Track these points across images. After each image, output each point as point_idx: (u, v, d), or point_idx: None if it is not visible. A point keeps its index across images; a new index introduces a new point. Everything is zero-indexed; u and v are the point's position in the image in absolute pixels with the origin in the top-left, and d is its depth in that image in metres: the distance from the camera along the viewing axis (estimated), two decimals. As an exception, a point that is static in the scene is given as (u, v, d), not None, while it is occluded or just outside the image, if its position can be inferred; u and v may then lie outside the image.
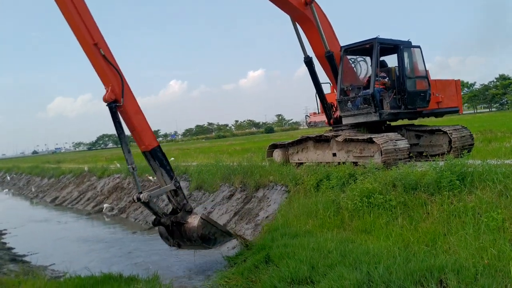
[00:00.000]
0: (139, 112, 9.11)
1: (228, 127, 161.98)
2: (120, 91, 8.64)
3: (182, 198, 9.44)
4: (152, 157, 9.17)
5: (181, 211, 9.34)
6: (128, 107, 8.81)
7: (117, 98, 8.61)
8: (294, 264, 6.97)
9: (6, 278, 7.74)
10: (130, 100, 8.90)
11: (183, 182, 17.53)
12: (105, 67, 8.57)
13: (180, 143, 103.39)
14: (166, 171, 9.27)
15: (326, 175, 10.86)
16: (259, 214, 11.87)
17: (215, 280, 8.56)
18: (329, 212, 9.36)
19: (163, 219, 9.31)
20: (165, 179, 9.25)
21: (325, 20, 12.49)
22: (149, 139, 9.20)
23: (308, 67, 13.04)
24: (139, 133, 9.01)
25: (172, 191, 9.37)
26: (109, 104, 8.56)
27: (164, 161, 9.30)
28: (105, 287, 7.41)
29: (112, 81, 8.61)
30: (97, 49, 8.48)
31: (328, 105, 13.09)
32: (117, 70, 8.72)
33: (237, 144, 44.53)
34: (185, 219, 9.24)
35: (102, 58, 8.54)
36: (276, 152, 14.34)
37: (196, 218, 9.16)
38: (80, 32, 8.37)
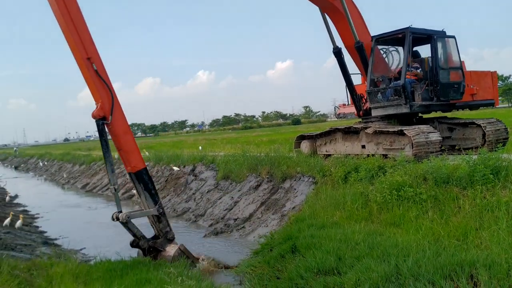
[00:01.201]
0: (127, 132, 8.93)
1: (255, 118, 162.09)
2: (110, 108, 8.44)
3: (165, 225, 9.19)
4: (137, 179, 8.93)
5: (162, 238, 9.15)
6: (116, 126, 8.62)
7: (106, 115, 8.42)
8: (320, 255, 6.93)
9: (39, 260, 7.98)
10: (119, 119, 8.68)
11: (210, 172, 17.70)
12: (96, 82, 8.39)
13: (207, 133, 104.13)
14: (150, 195, 9.03)
15: (355, 167, 10.75)
16: (286, 204, 11.87)
17: (241, 268, 8.63)
18: (357, 204, 9.27)
19: (141, 242, 8.99)
20: (149, 203, 9.02)
21: (354, 10, 12.27)
22: (136, 161, 8.95)
23: (337, 58, 12.89)
24: (126, 153, 8.81)
25: (155, 217, 9.11)
26: (97, 121, 8.40)
27: (150, 185, 9.05)
28: (134, 271, 7.54)
29: (103, 97, 8.42)
30: (90, 64, 8.32)
31: (358, 97, 12.92)
32: (108, 87, 8.52)
33: (263, 135, 44.53)
34: (163, 246, 9.06)
35: (95, 73, 8.36)
36: (304, 144, 14.27)
37: (174, 248, 8.92)
38: (74, 44, 8.20)
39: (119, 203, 8.70)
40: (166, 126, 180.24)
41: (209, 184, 16.84)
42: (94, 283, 6.71)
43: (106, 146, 8.50)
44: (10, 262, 7.00)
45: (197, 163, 19.37)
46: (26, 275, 6.67)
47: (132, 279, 7.02)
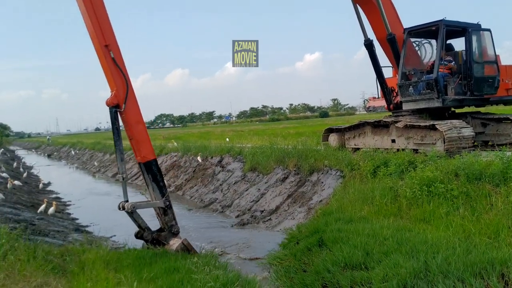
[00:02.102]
0: (140, 122, 8.92)
1: (282, 110, 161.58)
2: (124, 97, 8.47)
3: (171, 218, 9.09)
4: (146, 169, 8.89)
5: (166, 231, 9.09)
6: (129, 114, 8.64)
7: (119, 103, 8.46)
8: (348, 249, 6.90)
9: (71, 246, 8.22)
10: (132, 108, 8.69)
11: (237, 163, 17.79)
12: (113, 70, 8.42)
13: (234, 125, 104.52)
14: (158, 187, 8.98)
15: (384, 161, 10.62)
16: (313, 198, 11.84)
17: (267, 261, 8.68)
18: (386, 199, 9.17)
19: (145, 233, 8.97)
20: (156, 195, 8.97)
21: (387, 0, 12.05)
22: (146, 151, 8.94)
23: (368, 50, 12.70)
24: (137, 142, 8.82)
25: (161, 209, 9.05)
26: (110, 109, 8.44)
27: (158, 177, 9.01)
28: (162, 260, 7.69)
29: (118, 85, 8.46)
30: (108, 51, 8.35)
31: (389, 90, 12.73)
32: (124, 75, 8.54)
33: (291, 127, 44.41)
34: (167, 240, 8.99)
35: (112, 61, 8.39)
36: (332, 137, 14.17)
37: (177, 242, 8.80)
38: (93, 30, 8.24)
39: (126, 192, 8.69)
40: (194, 117, 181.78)
41: (236, 175, 16.94)
42: (124, 270, 6.86)
43: (117, 134, 8.57)
44: (44, 247, 7.23)
45: (224, 155, 19.50)
46: (59, 260, 6.88)
47: (160, 267, 7.15)
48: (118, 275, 6.38)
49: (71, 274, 6.42)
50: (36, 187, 22.38)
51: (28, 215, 12.33)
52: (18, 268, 5.98)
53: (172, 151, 25.15)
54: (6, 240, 6.90)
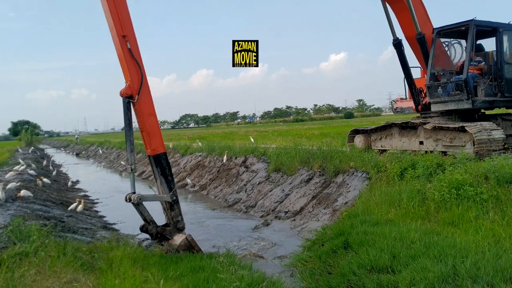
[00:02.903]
0: (152, 114, 8.92)
1: (306, 111, 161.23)
2: (138, 88, 8.55)
3: (177, 213, 9.07)
4: (155, 162, 8.93)
5: (171, 226, 9.03)
6: (142, 106, 8.69)
7: (133, 94, 8.54)
8: (374, 252, 6.83)
9: (100, 243, 8.37)
10: (146, 100, 8.75)
11: (262, 164, 17.81)
12: (128, 61, 8.49)
13: (258, 125, 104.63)
14: (166, 181, 8.97)
15: (412, 163, 10.46)
16: (338, 199, 11.75)
17: (292, 262, 8.66)
18: (413, 202, 9.02)
19: (150, 227, 8.94)
20: (163, 189, 8.98)
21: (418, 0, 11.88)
22: (156, 144, 8.95)
23: (396, 50, 12.54)
24: (148, 135, 8.83)
25: (168, 204, 9.03)
26: (123, 99, 8.52)
27: (167, 171, 9.01)
28: (188, 258, 7.77)
29: (133, 76, 8.54)
30: (125, 42, 8.42)
31: (417, 91, 12.54)
32: (140, 67, 8.61)
33: (315, 128, 44.18)
34: (172, 235, 8.94)
35: (128, 52, 8.46)
36: (358, 138, 14.04)
37: (182, 237, 8.78)
38: (112, 20, 8.33)
39: (133, 184, 8.77)
40: (218, 117, 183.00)
41: (260, 176, 16.95)
42: (150, 268, 6.96)
43: (128, 125, 8.62)
44: (74, 244, 7.40)
45: (248, 155, 19.54)
46: (88, 257, 7.02)
47: (186, 266, 7.22)
48: (145, 273, 6.48)
49: (99, 271, 6.54)
50: (65, 185, 22.89)
51: (58, 212, 12.62)
52: (48, 264, 6.13)
53: (196, 151, 25.35)
54: (37, 237, 7.10)
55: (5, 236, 7.62)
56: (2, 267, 5.90)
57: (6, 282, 5.47)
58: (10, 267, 5.96)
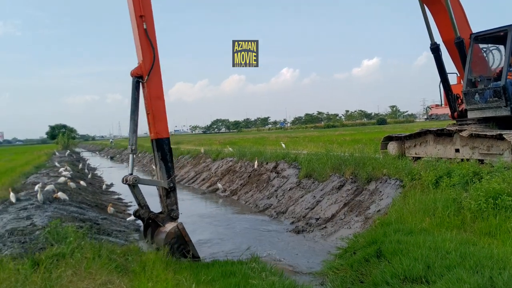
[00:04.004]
0: (160, 98, 8.91)
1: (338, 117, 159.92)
2: (148, 69, 8.59)
3: (173, 202, 8.96)
4: (157, 147, 8.90)
5: (165, 214, 8.92)
6: (151, 88, 8.71)
7: (143, 74, 8.59)
8: (408, 262, 6.69)
9: (133, 246, 8.52)
10: (155, 82, 8.77)
11: (292, 170, 17.76)
12: (143, 41, 8.56)
13: (289, 131, 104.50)
14: (166, 167, 8.87)
15: (447, 171, 10.22)
16: (370, 207, 11.58)
17: (322, 270, 8.58)
18: (448, 211, 8.80)
19: (142, 211, 8.84)
20: (162, 175, 8.88)
21: (456, 2, 11.62)
22: (160, 128, 8.90)
23: (434, 55, 12.28)
24: (153, 118, 8.79)
25: (164, 191, 8.93)
26: (133, 79, 8.58)
27: (168, 157, 8.93)
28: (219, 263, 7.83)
29: (145, 57, 8.60)
30: (142, 22, 8.50)
31: (453, 97, 12.24)
32: (153, 48, 8.66)
33: (347, 134, 43.77)
34: (164, 223, 8.81)
35: (143, 32, 8.53)
36: (391, 145, 13.82)
37: (173, 225, 8.65)
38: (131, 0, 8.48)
39: (132, 166, 8.79)
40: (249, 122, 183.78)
41: (291, 182, 16.90)
42: (182, 272, 7.03)
43: (134, 105, 8.64)
44: (108, 247, 7.56)
45: (279, 161, 19.52)
46: (121, 259, 7.16)
47: (217, 270, 7.27)
48: (177, 276, 6.56)
49: (133, 274, 6.66)
50: (100, 188, 23.43)
51: (93, 215, 12.94)
52: (84, 265, 6.29)
53: (228, 156, 25.51)
54: (74, 238, 7.30)
55: (42, 237, 7.88)
56: (40, 267, 6.10)
57: (44, 282, 5.65)
58: (47, 267, 6.15)
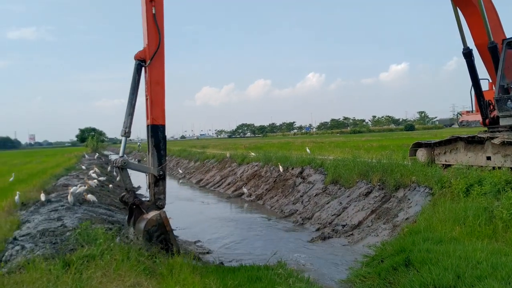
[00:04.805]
0: (160, 83, 8.93)
1: (364, 122, 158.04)
2: (152, 53, 8.67)
3: (160, 191, 8.92)
4: (151, 133, 8.87)
5: (151, 202, 8.87)
6: (152, 72, 8.77)
7: (146, 58, 8.66)
8: (437, 271, 6.56)
9: (160, 249, 8.60)
10: (157, 67, 8.83)
11: (318, 175, 17.65)
12: (150, 25, 8.66)
13: (314, 136, 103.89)
14: (158, 154, 8.86)
15: (478, 180, 9.99)
16: (398, 215, 11.40)
17: (350, 277, 8.49)
18: (479, 220, 8.59)
19: (127, 195, 8.75)
20: (153, 162, 8.84)
21: (491, 6, 11.38)
22: (157, 114, 8.89)
23: (466, 60, 12.04)
24: (151, 103, 8.82)
25: (153, 178, 8.88)
26: (136, 62, 8.66)
27: (161, 144, 8.92)
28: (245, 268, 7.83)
29: (150, 41, 8.68)
30: (151, 6, 8.61)
31: (485, 103, 11.97)
32: (160, 33, 8.73)
33: (373, 140, 43.21)
34: (148, 210, 8.69)
35: (152, 17, 8.64)
36: (420, 152, 13.59)
37: (155, 212, 8.56)
38: None
39: (123, 149, 8.81)
40: (274, 127, 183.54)
41: (317, 187, 16.80)
42: (209, 276, 7.08)
43: (134, 88, 8.73)
44: (136, 249, 7.66)
45: (305, 166, 19.44)
46: (149, 262, 7.26)
47: (243, 275, 7.28)
48: (204, 280, 6.60)
49: (160, 276, 6.74)
50: (127, 190, 23.77)
51: (121, 217, 13.14)
52: (113, 267, 6.40)
53: (253, 161, 25.56)
54: (103, 240, 7.43)
55: (73, 239, 8.05)
56: (71, 268, 6.24)
57: (74, 282, 5.77)
58: (78, 268, 6.28)
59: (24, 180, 22.09)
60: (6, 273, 6.30)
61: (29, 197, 14.63)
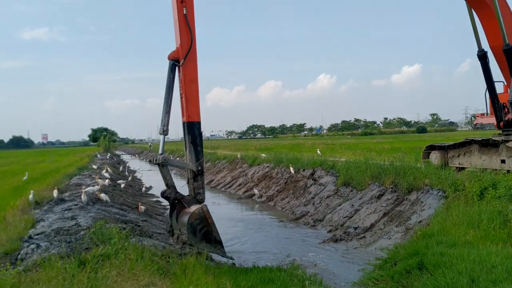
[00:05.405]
0: (194, 81, 9.04)
1: (375, 124, 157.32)
2: (185, 53, 8.78)
3: (199, 185, 9.04)
4: (188, 130, 8.96)
5: (191, 197, 9.00)
6: (186, 71, 8.88)
7: (179, 58, 8.79)
8: (451, 275, 6.52)
9: (174, 249, 8.66)
10: (191, 66, 8.94)
11: (330, 177, 17.61)
12: (182, 25, 8.77)
13: (325, 137, 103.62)
14: (195, 150, 8.98)
15: (492, 183, 9.90)
16: (411, 218, 11.33)
17: (362, 280, 8.46)
18: (494, 224, 8.52)
19: (168, 191, 8.94)
20: (191, 158, 8.97)
21: (506, 8, 11.27)
22: (192, 111, 9.00)
23: (481, 62, 11.94)
24: (186, 101, 8.93)
25: (192, 173, 9.03)
26: (170, 62, 8.79)
27: (197, 140, 9.03)
28: (257, 269, 7.85)
29: (183, 41, 8.79)
30: (182, 7, 8.73)
31: (500, 106, 11.85)
32: (191, 33, 8.85)
33: (385, 142, 43.02)
34: (189, 204, 8.86)
35: (183, 17, 8.75)
36: (434, 154, 13.50)
37: (197, 206, 8.74)
38: None
39: (162, 146, 8.98)
40: (285, 128, 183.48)
41: (329, 189, 16.76)
42: (222, 276, 7.11)
43: (169, 87, 8.85)
44: (151, 249, 7.73)
45: (316, 168, 19.40)
46: (163, 262, 7.31)
47: (256, 276, 7.29)
48: (218, 280, 6.62)
49: (174, 276, 6.78)
50: (139, 190, 23.96)
51: (133, 217, 13.24)
52: (128, 266, 6.45)
53: (264, 162, 25.57)
54: (118, 239, 7.49)
55: (88, 238, 8.12)
56: (86, 267, 6.30)
57: (90, 281, 5.83)
58: (93, 267, 6.34)
59: (37, 179, 22.35)
60: (23, 271, 6.38)
61: (43, 196, 14.80)
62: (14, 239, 8.56)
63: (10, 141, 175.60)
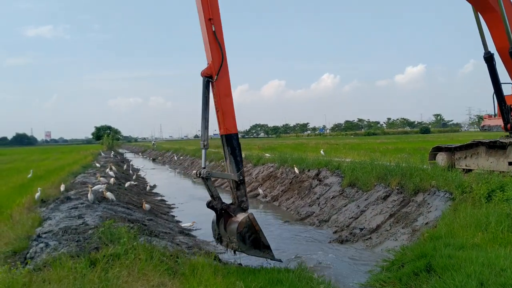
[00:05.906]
0: (228, 95, 9.18)
1: (379, 124, 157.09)
2: (217, 68, 8.89)
3: (242, 194, 9.26)
4: (226, 142, 9.17)
5: (236, 205, 9.20)
6: (220, 86, 8.99)
7: (212, 74, 8.91)
8: (460, 278, 6.51)
9: (181, 249, 8.68)
10: (224, 81, 9.06)
11: (335, 178, 17.60)
12: (212, 42, 8.89)
13: (328, 137, 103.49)
14: (235, 161, 9.19)
15: (500, 185, 9.88)
16: (418, 219, 11.31)
17: (369, 282, 8.45)
18: (502, 227, 8.50)
19: (215, 202, 9.07)
20: (232, 168, 9.19)
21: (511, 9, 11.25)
22: (229, 124, 9.19)
23: (487, 64, 11.93)
24: (223, 114, 9.08)
25: (234, 183, 9.25)
26: (204, 78, 8.91)
27: (237, 151, 9.23)
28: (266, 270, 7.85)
29: (214, 57, 8.90)
30: (210, 24, 8.85)
31: (507, 108, 11.83)
32: (221, 49, 8.97)
33: (389, 143, 42.94)
34: (235, 213, 9.10)
35: (212, 34, 8.87)
36: (440, 156, 13.48)
37: (244, 215, 8.95)
38: (200, 4, 8.88)
39: (205, 160, 9.18)
40: (288, 128, 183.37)
41: (334, 190, 16.75)
42: (230, 277, 7.12)
43: (205, 103, 9.01)
44: (160, 249, 7.74)
45: (321, 168, 19.39)
46: (172, 262, 7.32)
47: (264, 277, 7.30)
48: (227, 281, 6.63)
49: (183, 277, 6.79)
50: (144, 188, 24.02)
51: (139, 216, 13.27)
52: (138, 266, 6.47)
53: (268, 162, 25.57)
54: (127, 239, 7.51)
55: (96, 237, 8.14)
56: (97, 267, 6.32)
57: (101, 281, 5.84)
58: (103, 267, 6.36)
59: (42, 176, 22.43)
60: (33, 269, 6.40)
61: (48, 194, 14.84)
62: (22, 238, 8.58)
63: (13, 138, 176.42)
